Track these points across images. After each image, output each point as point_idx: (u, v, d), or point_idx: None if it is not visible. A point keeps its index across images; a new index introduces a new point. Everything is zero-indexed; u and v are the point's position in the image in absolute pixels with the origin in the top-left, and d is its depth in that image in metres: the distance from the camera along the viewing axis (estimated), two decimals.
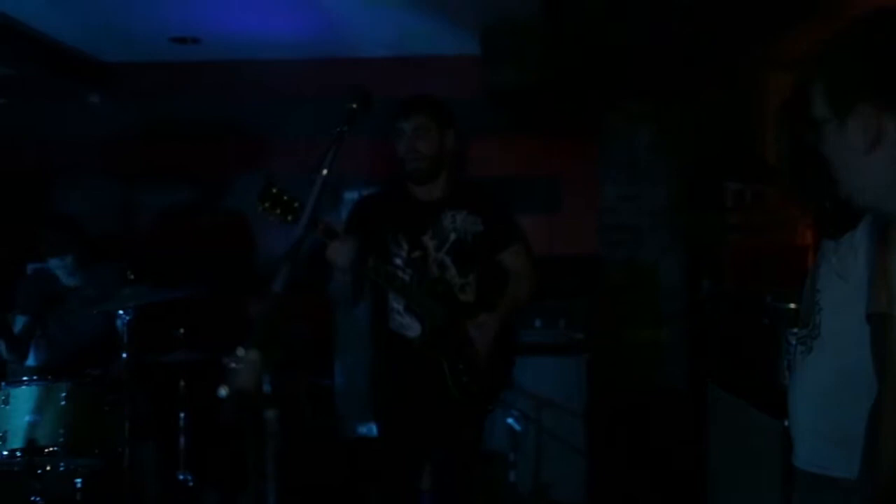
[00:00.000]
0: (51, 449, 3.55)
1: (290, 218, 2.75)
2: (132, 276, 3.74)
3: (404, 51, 5.26)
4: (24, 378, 3.63)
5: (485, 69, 4.96)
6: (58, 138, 5.32)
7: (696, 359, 4.84)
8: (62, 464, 3.60)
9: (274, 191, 2.75)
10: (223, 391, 1.99)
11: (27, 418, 3.54)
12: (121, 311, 3.63)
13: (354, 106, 2.04)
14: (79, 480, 3.67)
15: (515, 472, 4.47)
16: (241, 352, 1.71)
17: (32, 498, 3.57)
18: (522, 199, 5.27)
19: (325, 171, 1.81)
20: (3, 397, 3.58)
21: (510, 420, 4.38)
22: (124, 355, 3.65)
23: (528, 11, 4.47)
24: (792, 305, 3.23)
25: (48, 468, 3.59)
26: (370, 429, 4.68)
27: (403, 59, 5.28)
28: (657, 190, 5.19)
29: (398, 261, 3.06)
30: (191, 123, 5.38)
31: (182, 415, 4.17)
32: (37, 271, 4.33)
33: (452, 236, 3.09)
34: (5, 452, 3.53)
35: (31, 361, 4.17)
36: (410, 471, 3.12)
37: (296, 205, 2.73)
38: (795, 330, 2.08)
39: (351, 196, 4.47)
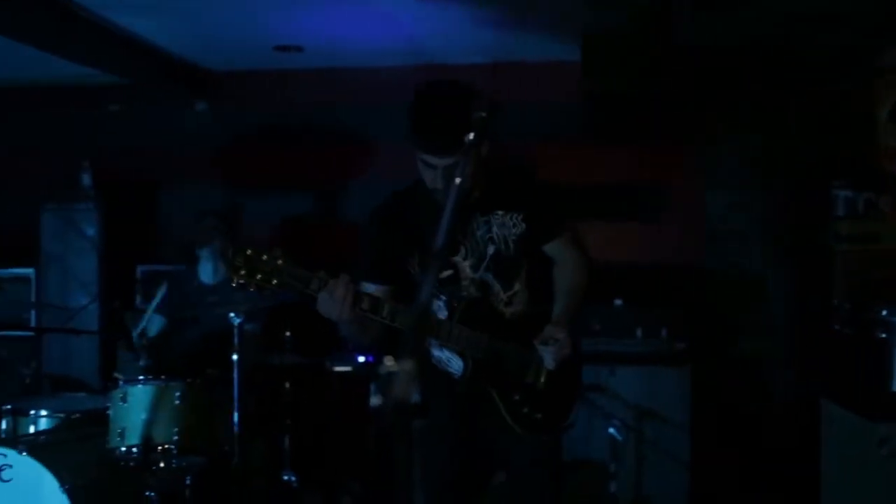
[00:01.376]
0: (165, 446, 3.65)
1: (274, 282, 2.29)
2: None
3: (502, 57, 5.25)
4: (141, 377, 3.73)
5: (585, 75, 4.92)
6: (167, 144, 5.50)
7: (805, 372, 4.69)
8: (175, 461, 3.70)
9: (248, 253, 2.29)
10: (375, 400, 2.01)
11: (143, 416, 3.64)
12: (233, 315, 3.72)
13: (483, 115, 2.01)
14: (188, 478, 3.77)
15: (616, 483, 4.41)
16: (389, 362, 1.71)
17: (147, 493, 3.68)
18: (623, 207, 5.21)
19: (458, 180, 1.81)
20: (121, 395, 3.69)
21: (612, 430, 4.33)
22: (235, 357, 3.73)
23: (631, 16, 4.41)
24: None
25: (161, 464, 3.69)
26: None
27: (502, 65, 5.28)
28: (765, 198, 5.06)
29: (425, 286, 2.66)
30: (293, 130, 5.49)
31: (288, 416, 4.24)
32: (174, 273, 4.49)
33: (490, 250, 2.65)
34: (123, 448, 3.64)
35: (142, 361, 4.31)
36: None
37: (279, 262, 2.29)
38: None
39: None
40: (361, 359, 4.45)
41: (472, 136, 1.95)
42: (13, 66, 5.23)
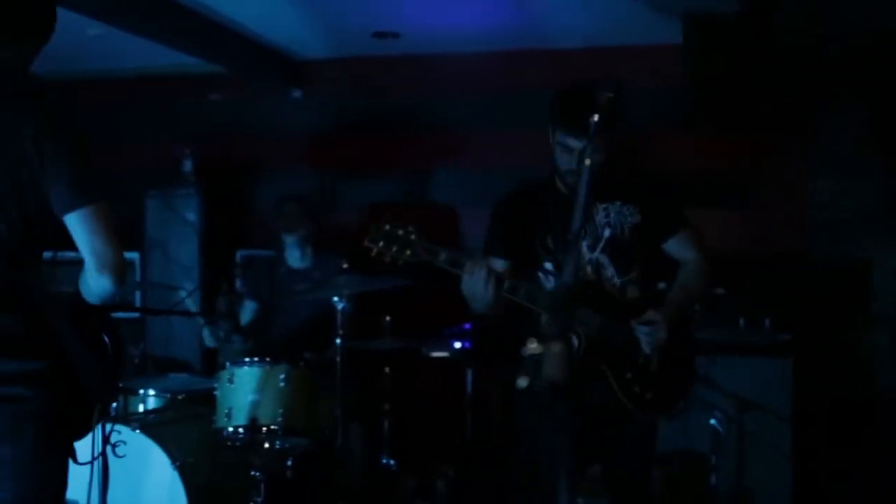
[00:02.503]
0: (270, 427, 3.73)
1: (408, 253, 2.50)
2: (346, 265, 3.87)
3: (601, 41, 5.17)
4: (247, 359, 3.81)
5: (686, 59, 4.81)
6: (264, 132, 5.59)
7: None
8: (279, 442, 3.77)
9: (387, 227, 2.50)
10: (523, 382, 2.03)
11: (250, 397, 3.72)
12: (336, 299, 3.77)
13: (611, 95, 1.99)
14: (291, 459, 3.84)
15: (716, 476, 4.32)
16: (533, 344, 1.73)
17: (251, 472, 3.76)
18: (721, 194, 5.09)
19: (587, 162, 1.79)
20: (228, 376, 3.78)
21: (713, 421, 4.23)
22: (338, 341, 3.78)
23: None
24: None
25: (266, 445, 3.76)
26: None
27: (601, 50, 5.20)
28: (871, 185, 4.88)
29: (548, 265, 2.80)
30: (386, 117, 5.52)
31: (387, 400, 4.28)
32: (265, 258, 4.59)
33: (607, 232, 2.81)
34: (229, 428, 3.73)
35: (237, 343, 4.41)
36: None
37: (412, 237, 2.51)
38: None
39: None
40: (458, 345, 4.46)
41: (596, 117, 1.92)
42: (120, 57, 5.39)
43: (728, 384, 4.43)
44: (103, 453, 3.12)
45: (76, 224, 2.10)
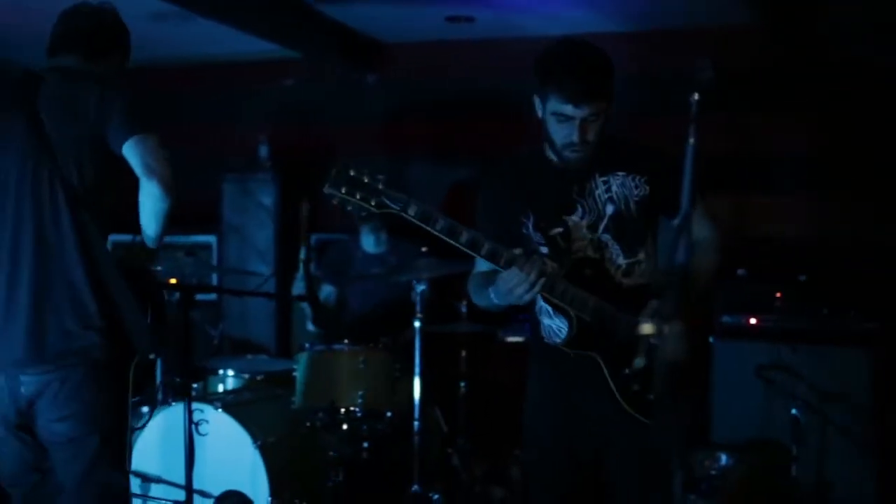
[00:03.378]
0: (349, 409, 3.77)
1: (373, 203, 2.27)
2: (424, 249, 3.88)
3: (676, 22, 5.08)
4: (326, 342, 3.85)
5: (762, 39, 4.73)
6: (339, 116, 5.63)
7: None
8: (357, 424, 3.81)
9: (351, 173, 2.29)
10: (640, 362, 2.00)
11: (329, 379, 3.77)
12: (415, 282, 3.78)
13: (711, 74, 1.93)
14: (369, 441, 3.87)
15: (797, 466, 4.23)
16: (646, 325, 1.70)
17: (330, 453, 3.81)
18: (806, 178, 4.96)
19: (692, 140, 1.75)
20: (308, 358, 3.83)
21: (794, 411, 4.15)
22: (417, 324, 3.79)
23: None
24: None
25: (345, 427, 3.81)
26: None
27: (675, 31, 5.10)
28: None
29: (543, 248, 2.49)
30: (459, 101, 5.50)
31: (462, 384, 4.29)
32: (341, 241, 4.63)
33: (609, 209, 2.48)
34: (309, 409, 3.78)
35: (310, 327, 4.46)
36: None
37: (379, 185, 2.28)
38: None
39: None
40: None
41: (697, 96, 1.86)
42: (198, 44, 5.48)
43: (809, 373, 4.34)
44: (189, 431, 3.20)
45: (131, 150, 2.44)
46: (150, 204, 2.46)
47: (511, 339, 4.41)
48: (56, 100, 2.50)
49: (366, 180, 2.27)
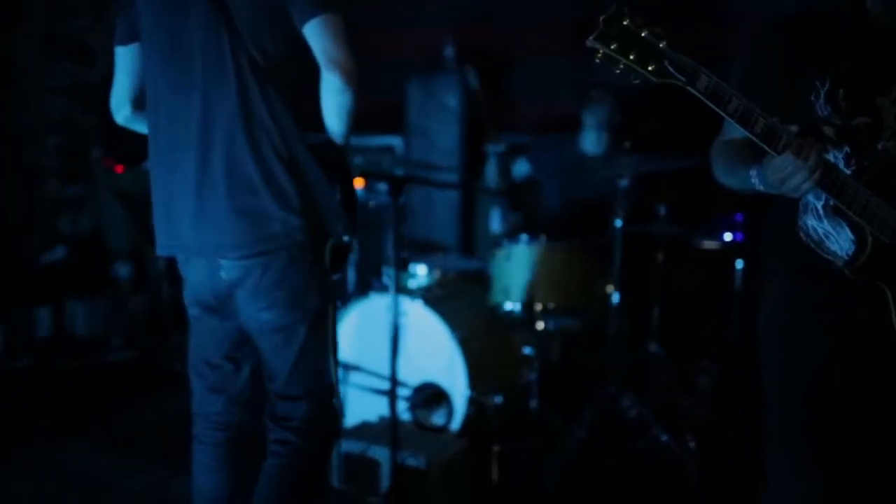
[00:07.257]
0: (545, 306, 3.75)
1: (650, 68, 1.75)
2: (628, 146, 3.75)
3: None
4: (525, 237, 3.82)
5: None
6: (524, 19, 5.48)
7: None
8: (553, 321, 3.79)
9: (625, 23, 1.75)
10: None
11: (526, 275, 3.75)
12: (618, 178, 3.68)
13: None
14: (564, 339, 3.86)
15: None
16: None
17: (524, 349, 3.82)
18: None
19: None
20: (506, 254, 3.82)
21: None
22: (618, 223, 3.70)
23: None
24: None
25: (540, 324, 3.80)
26: None
27: None
28: None
29: (828, 130, 1.95)
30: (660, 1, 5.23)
31: (657, 289, 4.19)
32: (557, 138, 4.53)
33: None
34: (506, 305, 3.79)
35: (496, 226, 4.42)
36: None
37: (661, 44, 1.75)
38: None
39: None
40: (728, 237, 4.25)
41: None
42: None
43: None
44: (394, 323, 3.24)
45: (312, 32, 2.24)
46: (332, 98, 2.26)
47: (706, 244, 4.25)
48: None
49: (644, 36, 1.74)
